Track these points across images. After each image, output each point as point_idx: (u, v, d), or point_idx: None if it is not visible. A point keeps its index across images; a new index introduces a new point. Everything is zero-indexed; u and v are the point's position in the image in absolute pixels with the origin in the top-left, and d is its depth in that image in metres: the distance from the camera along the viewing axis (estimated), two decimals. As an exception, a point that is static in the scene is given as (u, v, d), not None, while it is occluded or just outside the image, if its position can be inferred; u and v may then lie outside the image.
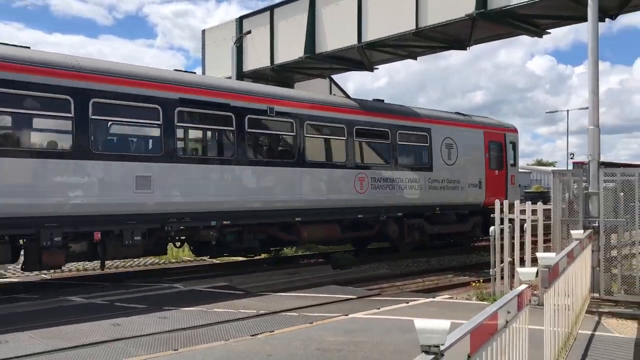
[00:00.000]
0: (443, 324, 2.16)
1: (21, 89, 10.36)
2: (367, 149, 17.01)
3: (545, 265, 4.54)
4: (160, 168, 12.01)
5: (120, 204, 11.41)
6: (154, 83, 12.17)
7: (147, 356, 6.52)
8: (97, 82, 11.28)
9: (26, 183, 10.37)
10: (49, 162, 10.68)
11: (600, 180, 9.31)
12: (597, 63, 9.72)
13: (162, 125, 12.12)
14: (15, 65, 10.33)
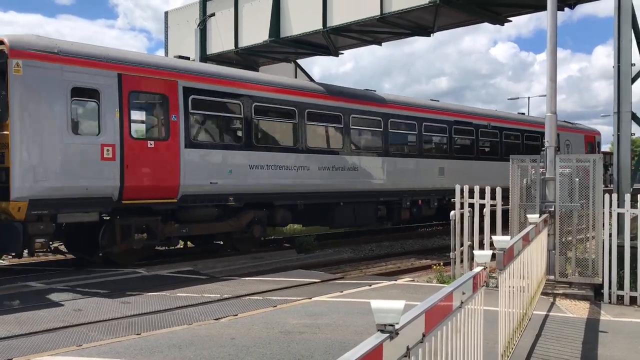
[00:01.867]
0: (398, 304, 2.25)
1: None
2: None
3: (500, 248, 4.70)
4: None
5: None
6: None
7: (109, 340, 6.50)
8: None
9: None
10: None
11: (557, 166, 9.58)
12: (556, 51, 9.95)
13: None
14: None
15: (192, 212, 13.13)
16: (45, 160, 10.62)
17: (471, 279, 3.69)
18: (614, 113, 10.36)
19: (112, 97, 11.43)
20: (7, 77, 10.31)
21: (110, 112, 11.39)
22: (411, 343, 2.49)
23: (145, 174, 11.91)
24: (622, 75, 10.21)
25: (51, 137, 10.67)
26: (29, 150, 10.46)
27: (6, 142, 10.36)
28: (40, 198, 10.49)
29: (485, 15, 15.78)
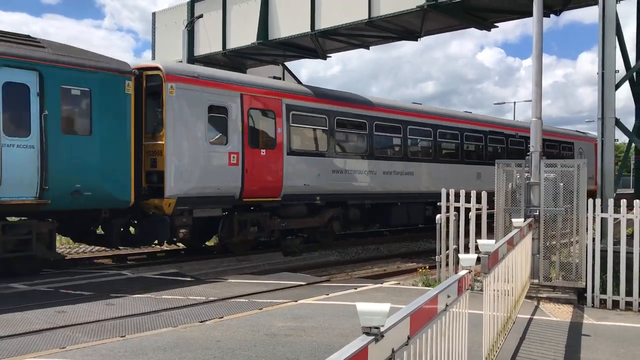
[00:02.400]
0: (383, 306, 2.26)
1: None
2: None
3: (485, 252, 4.73)
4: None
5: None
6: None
7: (93, 343, 6.45)
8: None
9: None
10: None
11: (542, 170, 9.67)
12: (541, 57, 10.05)
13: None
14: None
15: (289, 209, 15.69)
16: (190, 165, 13.09)
17: (456, 282, 3.71)
18: (598, 119, 10.47)
19: (236, 113, 14.09)
20: (162, 97, 12.66)
21: (235, 125, 14.03)
22: (396, 346, 2.51)
23: (259, 177, 14.51)
24: (606, 82, 10.33)
25: (194, 146, 13.23)
26: (178, 157, 12.88)
27: (160, 150, 12.64)
28: (185, 196, 12.95)
29: (472, 20, 15.90)
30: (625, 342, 6.83)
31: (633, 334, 7.31)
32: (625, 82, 11.20)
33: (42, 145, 10.72)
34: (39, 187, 10.72)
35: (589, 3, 14.39)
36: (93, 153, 11.53)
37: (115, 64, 12.13)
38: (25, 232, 10.94)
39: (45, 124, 10.76)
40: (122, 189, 11.91)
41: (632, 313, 8.62)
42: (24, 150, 10.55)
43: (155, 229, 12.81)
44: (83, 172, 11.35)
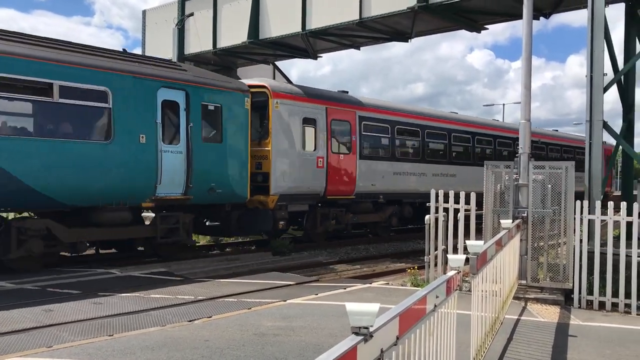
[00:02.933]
0: (372, 306, 2.27)
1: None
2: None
3: (473, 253, 4.76)
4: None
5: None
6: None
7: (81, 342, 6.42)
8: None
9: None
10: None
11: (530, 172, 9.73)
12: (531, 59, 10.12)
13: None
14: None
15: (359, 206, 18.20)
16: (289, 168, 15.75)
17: (445, 282, 3.73)
18: (586, 121, 10.56)
19: (322, 124, 16.72)
20: (268, 111, 15.36)
21: (322, 134, 16.69)
22: (385, 346, 2.52)
23: (339, 178, 17.20)
24: (594, 85, 10.42)
25: (292, 152, 15.93)
26: (281, 160, 15.55)
27: (266, 155, 15.31)
28: (284, 193, 15.56)
29: (462, 22, 15.97)
30: (611, 343, 6.89)
31: (619, 334, 7.38)
32: (613, 85, 11.31)
33: (188, 151, 13.21)
34: (185, 185, 13.23)
35: (579, 6, 14.49)
36: (223, 157, 14.13)
37: (237, 84, 14.99)
38: (174, 221, 13.38)
39: (190, 134, 13.26)
40: (242, 187, 14.57)
41: (617, 314, 8.70)
42: (175, 156, 13.05)
43: (261, 221, 15.37)
44: (216, 173, 13.92)
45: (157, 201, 12.86)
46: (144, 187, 12.50)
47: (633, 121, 12.65)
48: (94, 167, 11.66)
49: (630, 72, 12.29)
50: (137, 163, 12.35)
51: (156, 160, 12.63)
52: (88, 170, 11.59)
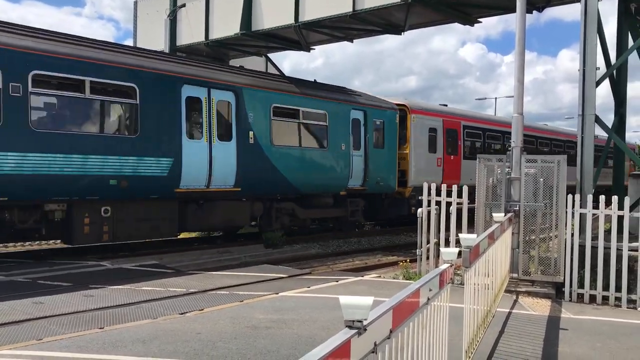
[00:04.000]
0: (366, 300, 2.25)
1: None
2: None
3: (466, 246, 4.75)
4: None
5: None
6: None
7: (71, 334, 6.38)
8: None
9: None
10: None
11: (522, 165, 9.75)
12: (524, 53, 10.11)
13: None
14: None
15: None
16: (420, 166, 20.55)
17: (438, 276, 3.72)
18: (578, 115, 10.58)
19: (440, 132, 21.56)
20: (407, 123, 20.27)
21: (440, 140, 21.49)
22: (379, 339, 2.50)
23: (450, 174, 21.35)
24: (587, 79, 10.43)
25: (422, 154, 20.80)
26: (415, 160, 20.41)
27: (405, 157, 20.10)
28: (416, 186, 18.29)
29: (455, 15, 15.94)
30: (601, 336, 6.93)
31: (609, 327, 7.42)
32: (605, 80, 11.33)
33: (365, 155, 18.27)
34: (363, 179, 18.22)
35: (572, 0, 14.50)
36: (384, 159, 18.96)
37: (391, 104, 19.83)
38: (357, 205, 18.63)
39: (367, 142, 18.38)
40: (393, 180, 19.43)
41: (608, 307, 8.75)
42: (359, 158, 18.09)
43: (400, 207, 20.14)
44: (380, 170, 18.79)
45: (348, 190, 17.83)
46: (343, 180, 17.57)
47: (625, 115, 12.69)
48: (318, 167, 16.73)
49: (623, 66, 12.32)
50: (340, 164, 17.47)
51: (349, 162, 17.80)
52: (315, 169, 16.65)
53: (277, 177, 15.36)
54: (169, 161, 12.96)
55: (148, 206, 13.02)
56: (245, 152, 14.62)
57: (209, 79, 14.00)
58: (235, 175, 14.47)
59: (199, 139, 13.75)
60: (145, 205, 12.96)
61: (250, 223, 16.48)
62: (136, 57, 12.97)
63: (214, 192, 14.10)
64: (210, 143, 13.89)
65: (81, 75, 11.60)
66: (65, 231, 12.05)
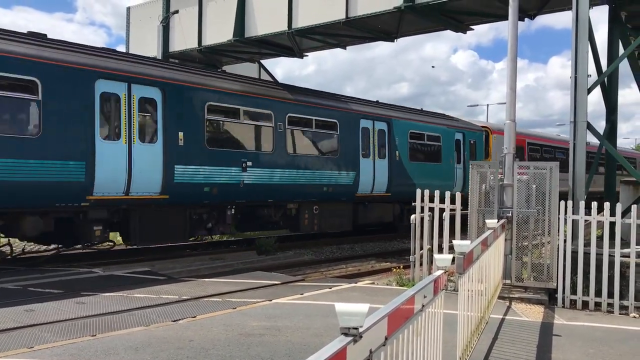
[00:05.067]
0: (362, 307, 2.24)
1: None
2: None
3: (460, 252, 4.76)
4: None
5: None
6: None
7: (63, 342, 6.32)
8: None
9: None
10: None
11: (515, 172, 9.78)
12: (516, 60, 10.17)
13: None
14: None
15: None
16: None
17: (432, 282, 3.72)
18: (570, 122, 10.63)
19: (480, 144, 24.33)
20: (490, 142, 25.33)
21: (480, 150, 24.20)
22: (374, 346, 2.49)
23: None
24: (578, 86, 10.49)
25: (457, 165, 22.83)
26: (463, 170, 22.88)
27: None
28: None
29: (448, 22, 16.01)
30: (594, 342, 6.94)
31: (602, 333, 7.44)
32: (596, 87, 11.40)
33: (464, 168, 22.39)
34: (462, 186, 21.47)
35: (563, 8, 14.60)
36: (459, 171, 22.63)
37: (479, 127, 24.92)
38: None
39: (464, 157, 22.77)
40: (455, 184, 21.88)
41: (600, 313, 8.78)
42: (460, 171, 22.48)
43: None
44: (439, 179, 20.84)
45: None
46: (450, 187, 18.28)
47: (616, 122, 12.77)
48: (435, 177, 20.43)
49: (614, 73, 12.41)
50: (449, 175, 21.64)
51: (454, 173, 22.05)
52: (434, 179, 20.05)
53: (410, 184, 18.58)
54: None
55: (338, 206, 17.61)
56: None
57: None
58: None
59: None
60: (337, 205, 17.53)
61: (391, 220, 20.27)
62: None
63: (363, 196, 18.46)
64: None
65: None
66: (294, 223, 16.52)
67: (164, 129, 12.78)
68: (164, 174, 12.71)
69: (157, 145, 12.69)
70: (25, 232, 11.44)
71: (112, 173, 11.89)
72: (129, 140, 12.17)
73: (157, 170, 12.66)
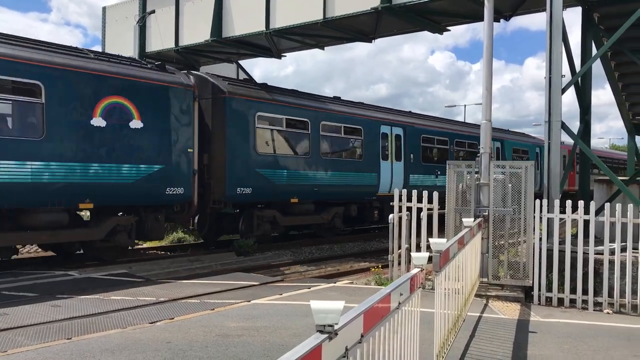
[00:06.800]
0: (337, 304, 2.25)
1: None
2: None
3: (436, 251, 4.79)
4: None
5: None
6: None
7: (37, 346, 6.23)
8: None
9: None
10: None
11: (491, 171, 9.88)
12: (491, 61, 10.27)
13: None
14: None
15: None
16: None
17: (408, 280, 3.74)
18: (545, 122, 10.77)
19: (566, 157, 26.21)
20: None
21: (563, 163, 22.79)
22: (350, 344, 2.50)
23: (571, 184, 29.46)
24: (553, 86, 10.63)
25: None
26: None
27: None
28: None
29: (425, 23, 16.12)
30: (569, 338, 7.05)
31: (576, 330, 7.55)
32: (570, 87, 11.56)
33: (541, 173, 23.54)
34: (539, 186, 22.74)
35: (537, 9, 14.80)
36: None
37: (540, 140, 27.47)
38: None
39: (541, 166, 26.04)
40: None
41: (575, 310, 8.91)
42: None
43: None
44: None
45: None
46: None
47: (590, 122, 12.97)
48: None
49: (587, 74, 12.60)
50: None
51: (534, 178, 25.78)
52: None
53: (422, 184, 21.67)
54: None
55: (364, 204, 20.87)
56: None
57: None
58: None
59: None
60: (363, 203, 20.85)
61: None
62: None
63: None
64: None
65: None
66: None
67: (404, 152, 21.42)
68: (404, 180, 20.97)
69: (401, 163, 21.31)
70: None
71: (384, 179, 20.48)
72: (391, 159, 20.85)
73: (401, 177, 21.13)
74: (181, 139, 13.85)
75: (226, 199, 15.36)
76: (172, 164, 13.65)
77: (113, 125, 12.50)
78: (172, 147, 13.66)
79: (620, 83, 15.17)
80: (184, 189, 13.89)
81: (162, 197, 13.55)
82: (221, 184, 15.22)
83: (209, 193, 15.29)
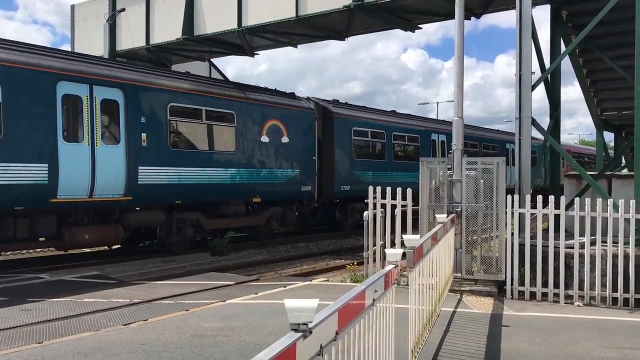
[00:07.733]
0: (311, 302, 2.25)
1: None
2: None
3: (410, 247, 4.82)
4: None
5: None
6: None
7: (7, 350, 6.11)
8: None
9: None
10: None
11: (463, 168, 9.98)
12: (463, 59, 10.37)
13: None
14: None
15: None
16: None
17: (383, 277, 3.76)
18: (515, 119, 10.92)
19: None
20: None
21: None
22: (324, 341, 2.50)
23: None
24: (523, 83, 10.78)
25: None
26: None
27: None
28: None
29: (397, 21, 16.21)
30: (541, 331, 7.16)
31: (548, 323, 7.68)
32: (540, 84, 11.74)
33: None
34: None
35: (507, 7, 14.98)
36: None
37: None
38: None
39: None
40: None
41: (547, 303, 9.06)
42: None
43: None
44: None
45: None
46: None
47: (559, 118, 13.19)
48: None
49: (556, 70, 12.80)
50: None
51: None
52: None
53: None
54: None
55: None
56: None
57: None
58: None
59: None
60: None
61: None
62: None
63: None
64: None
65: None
66: None
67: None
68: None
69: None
70: None
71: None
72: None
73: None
74: (309, 149, 18.64)
75: (334, 194, 20.04)
76: (305, 168, 18.35)
77: (272, 141, 17.26)
78: (304, 155, 18.39)
79: (589, 80, 15.44)
80: (311, 187, 18.62)
81: (299, 193, 18.33)
82: (330, 183, 19.85)
83: (320, 190, 19.50)
